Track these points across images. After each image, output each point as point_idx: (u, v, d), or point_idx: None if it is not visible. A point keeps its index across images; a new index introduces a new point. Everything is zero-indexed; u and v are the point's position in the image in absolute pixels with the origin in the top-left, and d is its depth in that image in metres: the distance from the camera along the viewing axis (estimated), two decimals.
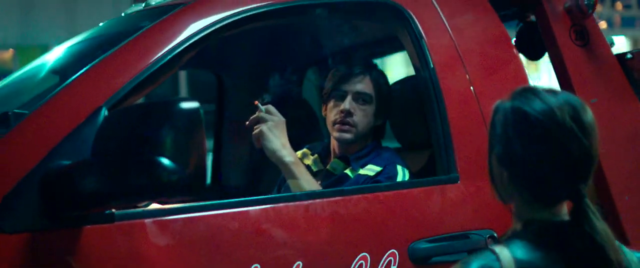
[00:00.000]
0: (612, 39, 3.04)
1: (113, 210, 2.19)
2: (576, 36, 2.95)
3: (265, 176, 3.85)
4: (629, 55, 2.97)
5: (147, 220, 2.24)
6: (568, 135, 1.77)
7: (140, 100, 2.49)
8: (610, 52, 3.00)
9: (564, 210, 1.83)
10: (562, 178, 1.79)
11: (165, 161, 1.98)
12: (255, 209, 2.37)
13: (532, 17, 3.16)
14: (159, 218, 2.26)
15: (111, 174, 2.07)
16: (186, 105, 2.01)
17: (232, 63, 3.91)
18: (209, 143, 4.46)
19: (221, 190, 4.09)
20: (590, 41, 2.96)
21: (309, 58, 4.00)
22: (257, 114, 2.68)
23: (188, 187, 2.01)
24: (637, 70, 2.96)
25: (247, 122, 2.70)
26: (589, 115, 1.81)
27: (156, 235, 2.24)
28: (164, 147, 1.99)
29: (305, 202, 2.42)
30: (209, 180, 4.22)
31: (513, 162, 1.82)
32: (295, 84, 4.01)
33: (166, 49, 2.40)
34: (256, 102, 2.70)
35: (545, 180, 1.79)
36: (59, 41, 3.16)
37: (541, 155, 1.78)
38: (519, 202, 1.85)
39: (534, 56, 3.14)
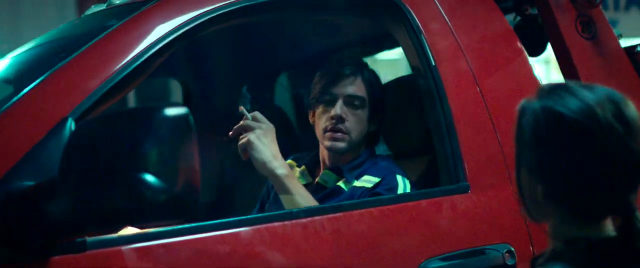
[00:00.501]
0: (619, 31, 2.81)
1: (85, 236, 1.88)
2: (583, 28, 2.71)
3: (239, 190, 3.55)
4: (639, 48, 2.73)
5: (124, 248, 1.92)
6: (612, 136, 1.50)
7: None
8: (619, 45, 2.76)
9: (609, 225, 1.56)
10: (608, 188, 1.52)
11: (149, 178, 1.68)
12: (247, 230, 2.07)
13: (531, 10, 2.92)
14: (137, 245, 1.94)
15: (83, 196, 1.75)
16: (173, 111, 1.71)
17: (198, 69, 3.60)
18: None
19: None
20: (597, 33, 2.72)
21: (283, 62, 3.71)
22: (242, 121, 2.38)
23: (178, 208, 1.70)
24: None
25: (231, 132, 2.39)
26: (633, 110, 1.54)
27: (135, 264, 1.93)
28: (147, 162, 1.68)
29: (303, 220, 2.13)
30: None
31: (548, 174, 1.54)
32: (266, 90, 3.73)
33: (140, 49, 2.09)
34: (241, 108, 2.40)
35: (587, 192, 1.52)
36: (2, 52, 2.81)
37: (582, 163, 1.51)
38: (557, 220, 1.58)
39: (534, 52, 2.89)
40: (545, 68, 8.37)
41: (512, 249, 2.29)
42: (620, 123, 1.51)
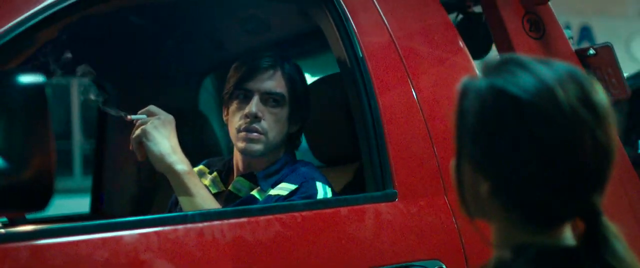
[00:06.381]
0: (569, 33, 2.56)
1: None
2: (530, 27, 2.46)
3: (156, 200, 3.24)
4: (591, 51, 2.48)
5: None
6: (576, 124, 1.21)
7: None
8: (570, 47, 2.51)
9: (567, 232, 1.28)
10: (570, 188, 1.23)
11: None
12: (132, 234, 1.76)
13: (475, 8, 2.66)
14: None
15: None
16: (26, 78, 1.40)
17: (114, 68, 3.28)
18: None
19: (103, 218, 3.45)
20: (546, 33, 2.47)
21: (208, 63, 3.41)
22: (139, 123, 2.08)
23: (25, 198, 1.39)
24: (601, 68, 2.48)
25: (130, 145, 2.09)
26: (601, 93, 1.26)
27: None
28: None
29: (199, 225, 1.82)
30: (88, 207, 3.58)
31: (497, 169, 1.25)
32: (190, 94, 3.43)
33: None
34: (129, 117, 2.09)
35: (545, 192, 1.23)
36: None
37: (538, 157, 1.22)
38: (504, 223, 1.30)
39: (477, 54, 2.63)
40: None
41: (443, 266, 2.01)
42: (586, 108, 1.22)
